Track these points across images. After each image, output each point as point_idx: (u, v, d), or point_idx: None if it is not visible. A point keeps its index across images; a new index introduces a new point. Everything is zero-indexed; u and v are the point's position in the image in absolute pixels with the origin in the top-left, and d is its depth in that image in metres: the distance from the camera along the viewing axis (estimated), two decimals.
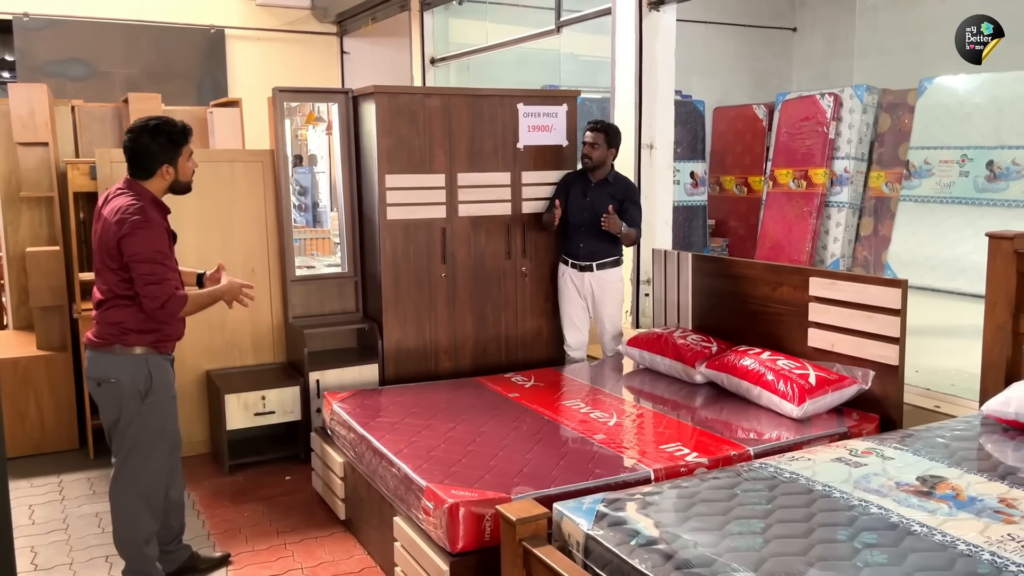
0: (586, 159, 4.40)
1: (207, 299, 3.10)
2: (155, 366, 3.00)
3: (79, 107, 5.21)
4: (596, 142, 4.35)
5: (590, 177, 4.46)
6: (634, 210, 4.45)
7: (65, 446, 4.68)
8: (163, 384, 3.02)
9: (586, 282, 4.50)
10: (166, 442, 3.08)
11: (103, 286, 2.96)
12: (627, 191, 4.46)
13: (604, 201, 4.38)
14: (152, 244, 2.87)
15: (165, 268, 2.90)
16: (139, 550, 3.05)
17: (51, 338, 4.70)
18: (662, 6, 4.99)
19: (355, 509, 3.57)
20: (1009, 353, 3.15)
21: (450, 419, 3.53)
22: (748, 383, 3.60)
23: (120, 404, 2.97)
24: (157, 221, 2.93)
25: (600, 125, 4.39)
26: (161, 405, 3.04)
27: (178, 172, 3.01)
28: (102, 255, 2.93)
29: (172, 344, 3.10)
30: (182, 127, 3.00)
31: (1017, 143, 5.93)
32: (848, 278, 3.63)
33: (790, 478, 2.54)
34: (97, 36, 8.56)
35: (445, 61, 7.87)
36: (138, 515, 3.03)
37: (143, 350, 2.96)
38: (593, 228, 4.41)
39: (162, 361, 3.04)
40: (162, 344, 3.03)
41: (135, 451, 3.01)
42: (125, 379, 2.94)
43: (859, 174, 6.96)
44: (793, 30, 8.85)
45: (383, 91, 4.29)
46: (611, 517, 2.30)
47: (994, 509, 2.27)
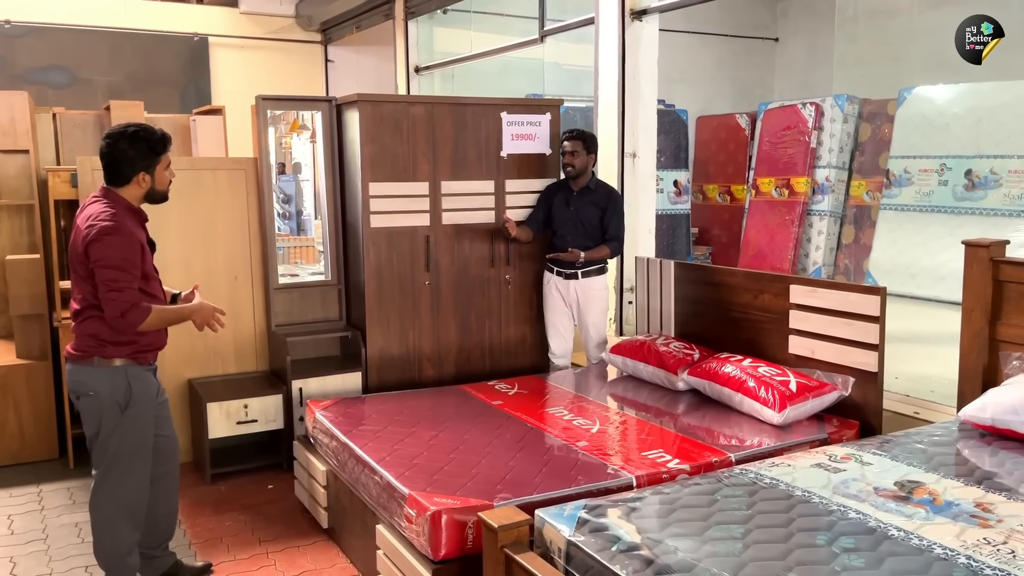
0: (568, 168, 4.42)
1: (174, 316, 3.03)
2: (135, 377, 2.96)
3: (60, 114, 5.18)
4: (575, 150, 4.38)
5: (572, 186, 4.48)
6: (616, 221, 4.46)
7: (45, 456, 4.64)
8: (143, 396, 2.99)
9: (571, 290, 4.51)
10: (147, 453, 3.05)
11: (79, 295, 2.93)
12: (609, 199, 4.47)
13: (587, 209, 4.41)
14: (118, 251, 2.81)
15: (130, 277, 2.83)
16: (121, 561, 3.02)
17: (31, 347, 4.67)
18: (645, 16, 5.04)
19: (338, 517, 3.56)
20: (986, 360, 3.19)
21: (433, 427, 3.53)
22: (730, 390, 3.62)
23: (100, 416, 2.94)
24: (128, 229, 2.86)
25: (576, 133, 4.42)
26: (142, 416, 3.00)
27: (155, 180, 2.97)
28: (75, 263, 2.90)
29: (153, 355, 3.06)
30: (161, 135, 2.96)
31: (995, 152, 6.01)
32: (828, 286, 3.67)
33: (770, 484, 2.55)
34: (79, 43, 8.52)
35: (429, 70, 7.89)
36: (119, 526, 3.01)
37: (122, 362, 2.93)
38: (577, 237, 4.43)
39: (142, 372, 3.00)
40: (141, 355, 2.98)
41: (116, 463, 2.98)
42: (104, 391, 2.92)
43: (840, 183, 7.03)
44: (775, 40, 8.94)
45: (367, 99, 4.30)
46: (592, 523, 2.31)
47: (970, 513, 2.30)
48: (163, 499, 3.20)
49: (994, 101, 6.08)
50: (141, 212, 3.01)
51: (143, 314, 2.84)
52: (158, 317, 2.91)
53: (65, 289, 4.68)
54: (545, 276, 4.63)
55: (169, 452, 3.19)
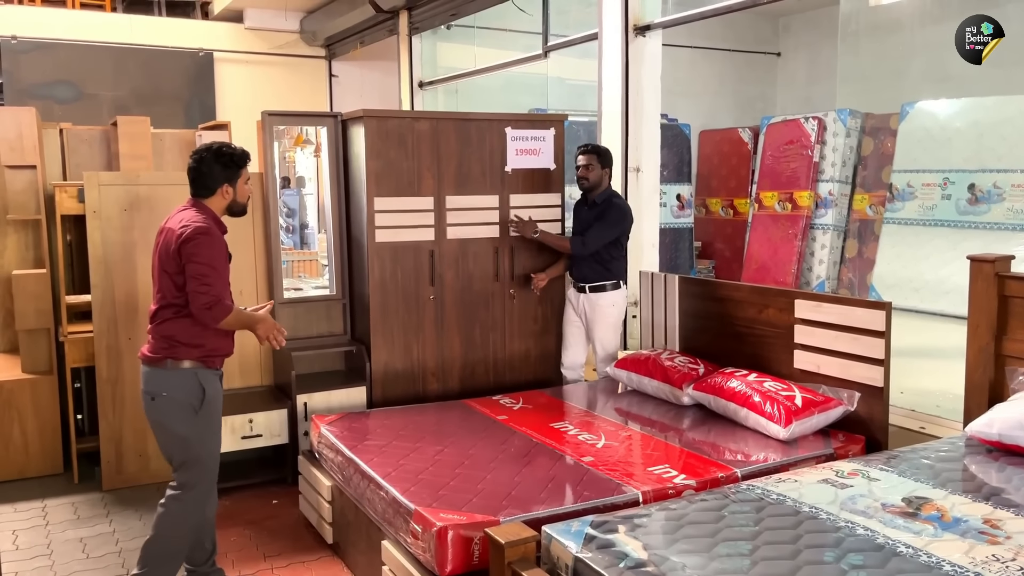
0: (583, 181, 4.44)
1: (246, 320, 3.16)
2: (205, 380, 3.08)
3: (67, 130, 5.21)
4: (590, 163, 4.41)
5: (587, 200, 4.52)
6: (598, 229, 4.37)
7: (49, 471, 4.64)
8: (214, 398, 3.11)
9: (581, 303, 4.53)
10: (217, 461, 3.18)
11: (158, 295, 3.08)
12: (605, 209, 4.42)
13: (590, 222, 4.43)
14: (210, 250, 2.99)
15: (218, 275, 3.01)
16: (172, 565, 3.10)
17: (36, 361, 4.67)
18: (648, 31, 5.07)
19: (343, 533, 3.55)
20: (992, 375, 3.19)
21: (438, 442, 3.52)
22: (735, 405, 3.62)
23: (173, 417, 3.05)
24: (218, 234, 3.07)
25: (590, 147, 4.45)
26: (215, 419, 3.14)
27: (236, 193, 3.16)
28: (162, 262, 3.04)
29: (220, 360, 3.17)
30: (241, 151, 3.17)
31: (997, 166, 6.02)
32: (833, 300, 3.67)
33: (777, 500, 2.55)
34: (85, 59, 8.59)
35: (433, 85, 7.93)
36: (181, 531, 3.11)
37: (192, 364, 3.05)
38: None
39: (211, 376, 3.11)
40: (210, 359, 3.10)
41: (192, 466, 3.08)
42: (177, 394, 3.04)
43: (843, 197, 7.04)
44: (777, 55, 8.98)
45: (372, 115, 4.32)
46: (599, 540, 2.30)
47: (979, 530, 2.29)
48: (209, 509, 3.25)
49: (996, 115, 6.10)
50: (223, 224, 3.17)
51: (226, 311, 3.01)
52: (235, 317, 3.07)
53: (71, 304, 4.71)
54: (567, 289, 4.70)
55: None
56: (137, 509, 4.17)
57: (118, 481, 4.44)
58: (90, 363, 4.46)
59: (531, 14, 6.42)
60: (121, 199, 4.32)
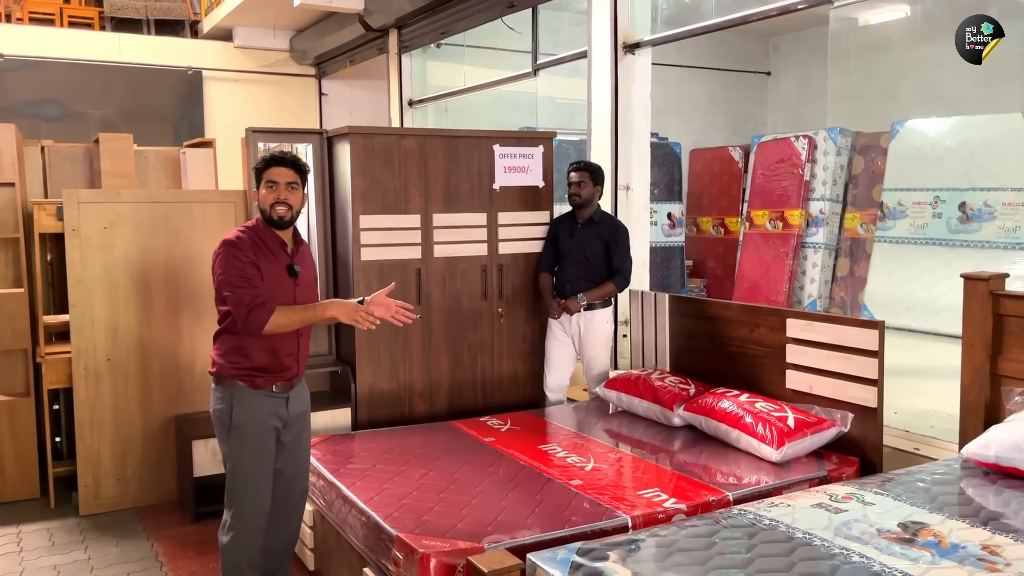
0: (575, 198, 4.38)
1: (307, 313, 2.95)
2: (240, 400, 2.92)
3: (49, 147, 5.14)
4: (582, 180, 4.35)
5: (577, 218, 4.44)
6: (621, 254, 4.37)
7: (25, 495, 4.52)
8: (250, 419, 2.92)
9: (573, 323, 4.44)
10: (264, 481, 2.98)
11: (217, 315, 3.00)
12: (614, 232, 4.39)
13: (591, 241, 4.37)
14: (228, 261, 2.87)
15: (243, 281, 2.84)
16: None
17: (13, 382, 4.57)
18: (637, 49, 5.04)
19: (324, 559, 3.45)
20: (987, 395, 3.13)
21: (423, 465, 3.44)
22: (726, 426, 3.55)
23: (218, 437, 2.99)
24: (244, 243, 2.90)
25: (583, 164, 4.40)
26: (250, 440, 2.94)
27: (259, 198, 2.98)
28: None
29: (267, 378, 2.95)
30: (263, 156, 3.03)
31: (988, 185, 6.00)
32: (825, 319, 3.61)
33: (769, 525, 2.47)
34: (73, 77, 8.54)
35: (423, 103, 7.90)
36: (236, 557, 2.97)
37: (231, 382, 2.93)
38: (581, 269, 4.38)
39: (253, 396, 2.93)
40: (251, 377, 2.93)
41: (232, 488, 2.97)
42: (215, 411, 2.96)
43: (834, 215, 7.01)
44: (767, 74, 8.99)
45: (358, 132, 4.26)
46: (586, 568, 2.22)
47: (977, 556, 2.22)
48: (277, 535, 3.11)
49: (987, 134, 6.09)
50: (273, 234, 2.98)
51: (267, 312, 2.84)
52: (286, 315, 2.88)
53: (49, 324, 4.61)
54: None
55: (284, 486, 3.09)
56: (114, 535, 4.06)
57: (95, 506, 4.33)
58: (68, 384, 4.37)
59: (521, 32, 6.40)
60: (101, 217, 4.25)
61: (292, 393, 3.05)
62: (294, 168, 2.98)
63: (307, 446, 3.21)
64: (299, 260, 3.05)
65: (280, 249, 2.99)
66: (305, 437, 3.17)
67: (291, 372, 3.03)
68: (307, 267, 3.11)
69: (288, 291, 2.98)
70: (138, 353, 4.37)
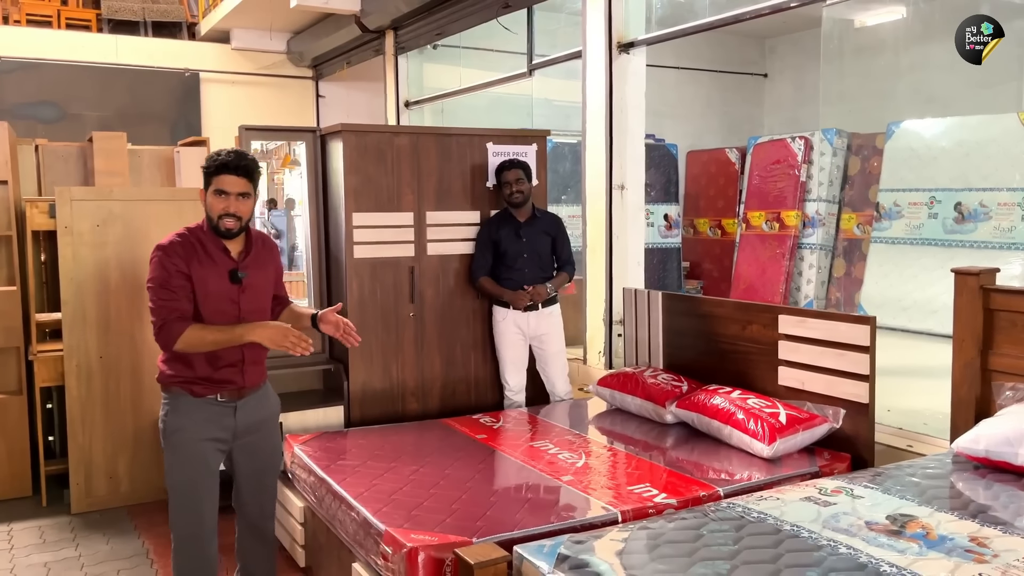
0: (517, 195, 4.33)
1: (222, 335, 2.70)
2: (176, 408, 2.77)
3: (43, 146, 5.14)
4: (520, 178, 4.35)
5: (517, 217, 4.41)
6: (567, 244, 4.51)
7: (17, 493, 4.50)
8: (184, 428, 2.75)
9: (531, 322, 4.41)
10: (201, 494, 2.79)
11: None
12: (557, 225, 4.51)
13: (539, 238, 4.40)
14: (156, 270, 2.70)
15: (166, 295, 2.66)
16: None
17: (5, 381, 4.56)
18: (632, 48, 5.04)
19: (315, 556, 3.44)
20: (978, 390, 3.12)
21: (414, 461, 3.43)
22: (719, 422, 3.54)
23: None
24: (173, 249, 2.71)
25: (518, 162, 4.38)
26: (184, 451, 2.76)
27: (207, 205, 2.75)
28: None
29: (211, 387, 2.76)
30: (214, 157, 2.74)
31: (983, 185, 6.01)
32: (817, 315, 3.60)
33: (758, 518, 2.46)
34: (70, 79, 8.55)
35: (419, 104, 7.91)
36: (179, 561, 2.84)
37: (174, 390, 2.77)
38: (534, 268, 4.37)
39: (193, 404, 2.76)
40: (190, 385, 2.75)
41: (170, 503, 2.84)
42: (159, 419, 2.84)
43: (830, 216, 7.01)
44: (764, 76, 9.00)
45: (350, 129, 4.26)
46: (573, 560, 2.21)
47: (965, 548, 2.21)
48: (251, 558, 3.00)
49: (982, 135, 6.09)
50: (216, 239, 2.77)
51: (179, 329, 2.65)
52: (199, 335, 2.67)
53: (41, 322, 4.61)
54: (498, 312, 4.46)
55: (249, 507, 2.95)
56: (105, 533, 4.05)
57: (87, 504, 4.31)
58: (60, 382, 4.35)
59: (516, 32, 6.41)
60: (94, 215, 4.24)
61: (242, 403, 2.83)
62: (246, 176, 2.73)
63: (270, 459, 2.99)
64: (251, 263, 2.82)
65: (221, 253, 2.77)
66: (266, 450, 2.95)
67: (234, 385, 2.80)
68: (262, 271, 2.87)
69: (230, 298, 2.76)
70: (130, 351, 4.36)
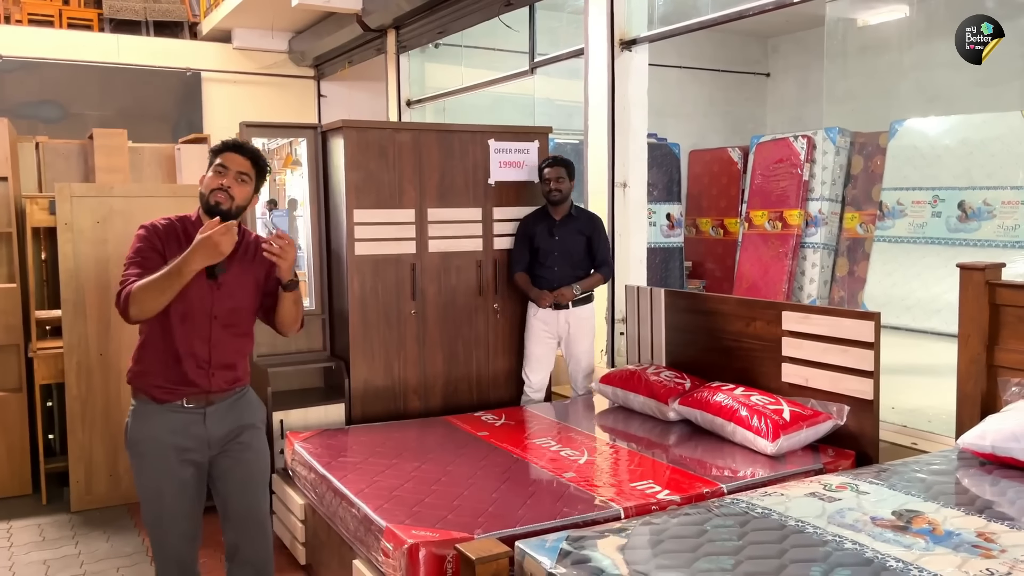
0: (555, 194, 4.34)
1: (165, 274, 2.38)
2: (137, 414, 2.56)
3: (43, 144, 5.13)
4: (560, 176, 4.33)
5: (553, 215, 4.41)
6: (604, 245, 4.43)
7: (17, 491, 4.49)
8: (145, 436, 2.54)
9: (561, 320, 4.41)
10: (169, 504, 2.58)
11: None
12: (593, 225, 4.43)
13: (573, 237, 4.35)
14: (135, 246, 2.53)
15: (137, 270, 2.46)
16: None
17: (5, 378, 4.55)
18: (634, 46, 5.02)
19: (315, 553, 3.42)
20: (984, 386, 3.09)
21: (416, 458, 3.40)
22: (722, 419, 3.51)
23: None
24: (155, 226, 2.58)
25: (559, 159, 4.36)
26: (146, 460, 2.55)
27: (203, 183, 2.59)
28: None
29: (168, 392, 2.54)
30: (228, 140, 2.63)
31: (987, 184, 5.98)
32: (821, 312, 3.57)
33: (762, 513, 2.44)
34: (71, 79, 8.54)
35: (421, 103, 7.90)
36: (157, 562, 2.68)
37: (137, 395, 2.59)
38: (566, 266, 4.35)
39: (153, 411, 2.54)
40: (150, 389, 2.54)
41: (143, 518, 2.67)
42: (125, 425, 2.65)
43: (833, 215, 6.99)
44: (766, 75, 8.98)
45: (351, 125, 4.24)
46: (575, 555, 2.19)
47: (972, 543, 2.18)
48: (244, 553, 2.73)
49: (985, 133, 6.07)
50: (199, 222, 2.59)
51: (127, 293, 2.40)
52: (142, 288, 2.38)
53: (41, 319, 4.59)
54: (530, 307, 4.50)
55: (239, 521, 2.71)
56: (105, 531, 4.03)
57: (87, 502, 4.30)
58: (60, 380, 4.34)
59: (518, 30, 6.40)
60: (94, 211, 4.23)
61: (212, 410, 2.59)
62: (251, 159, 2.59)
63: (257, 475, 2.73)
64: (236, 261, 2.60)
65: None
66: (250, 466, 2.70)
67: (198, 388, 2.56)
68: (248, 271, 2.68)
69: (201, 294, 2.54)
70: (130, 349, 4.29)
